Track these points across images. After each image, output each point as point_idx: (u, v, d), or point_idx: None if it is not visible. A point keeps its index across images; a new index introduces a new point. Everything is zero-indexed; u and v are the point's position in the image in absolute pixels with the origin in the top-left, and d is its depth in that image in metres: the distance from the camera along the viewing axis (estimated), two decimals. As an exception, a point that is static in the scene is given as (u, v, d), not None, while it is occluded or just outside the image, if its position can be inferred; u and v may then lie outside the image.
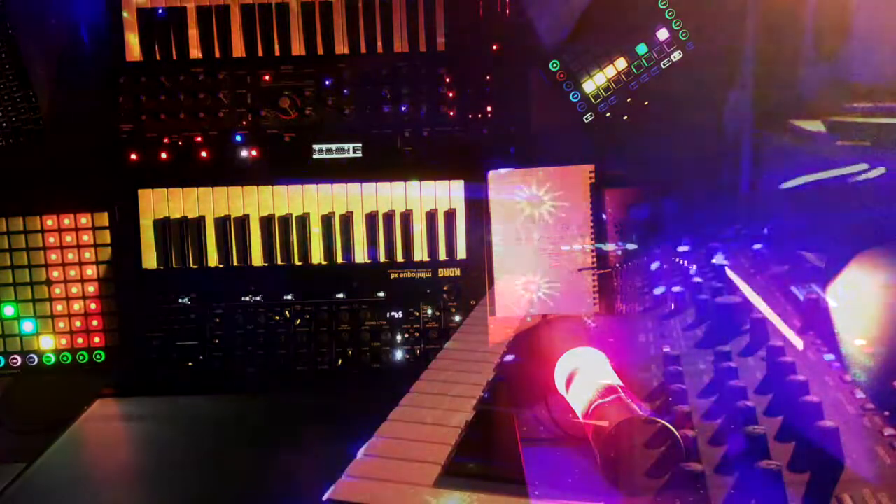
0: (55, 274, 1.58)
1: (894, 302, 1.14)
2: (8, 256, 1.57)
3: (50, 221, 1.58)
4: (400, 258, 1.56)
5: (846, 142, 1.41)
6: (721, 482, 0.89)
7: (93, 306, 1.59)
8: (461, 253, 1.57)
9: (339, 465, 1.03)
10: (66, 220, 1.58)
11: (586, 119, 1.63)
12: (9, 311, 1.58)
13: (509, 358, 1.43)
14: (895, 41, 1.47)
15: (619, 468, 1.03)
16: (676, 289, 1.40)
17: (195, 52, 1.57)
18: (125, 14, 1.57)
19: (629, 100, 1.62)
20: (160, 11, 1.56)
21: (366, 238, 1.56)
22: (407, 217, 1.56)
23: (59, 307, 1.58)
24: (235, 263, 1.56)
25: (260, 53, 1.57)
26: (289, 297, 1.55)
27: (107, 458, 1.30)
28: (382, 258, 1.56)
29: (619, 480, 1.03)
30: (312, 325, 1.55)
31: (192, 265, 1.56)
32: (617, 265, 1.57)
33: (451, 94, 1.57)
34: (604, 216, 1.57)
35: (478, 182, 1.57)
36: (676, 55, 1.60)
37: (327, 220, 1.56)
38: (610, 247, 1.57)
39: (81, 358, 1.59)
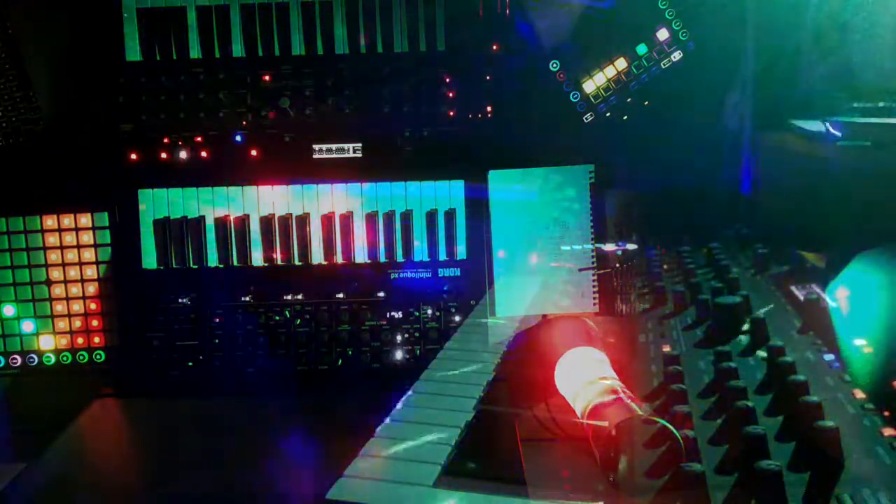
0: (55, 274, 1.58)
1: (894, 302, 1.15)
2: (8, 256, 1.57)
3: (50, 221, 1.58)
4: (400, 258, 1.56)
5: (846, 142, 1.41)
6: (721, 482, 0.89)
7: (93, 306, 1.58)
8: (461, 253, 1.57)
9: (339, 466, 1.03)
10: (66, 220, 1.58)
11: (586, 119, 1.63)
12: (9, 311, 1.58)
13: (509, 358, 1.43)
14: (895, 42, 1.47)
15: (618, 468, 1.03)
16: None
17: (195, 52, 1.57)
18: (125, 14, 1.56)
19: (629, 100, 1.62)
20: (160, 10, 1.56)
21: (366, 238, 1.56)
22: (407, 217, 1.56)
23: (59, 307, 1.58)
24: (235, 263, 1.56)
25: (260, 53, 1.57)
26: (289, 297, 1.55)
27: (106, 459, 1.29)
28: (382, 258, 1.56)
29: (619, 480, 1.03)
30: (312, 325, 1.54)
31: (192, 265, 1.56)
32: (617, 265, 1.57)
33: (451, 94, 1.57)
34: (603, 216, 1.57)
35: (478, 182, 1.57)
36: (676, 55, 1.60)
37: (327, 220, 1.56)
38: (610, 247, 1.57)
39: (81, 358, 1.59)
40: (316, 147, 1.58)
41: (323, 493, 1.00)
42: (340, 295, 1.56)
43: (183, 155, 1.57)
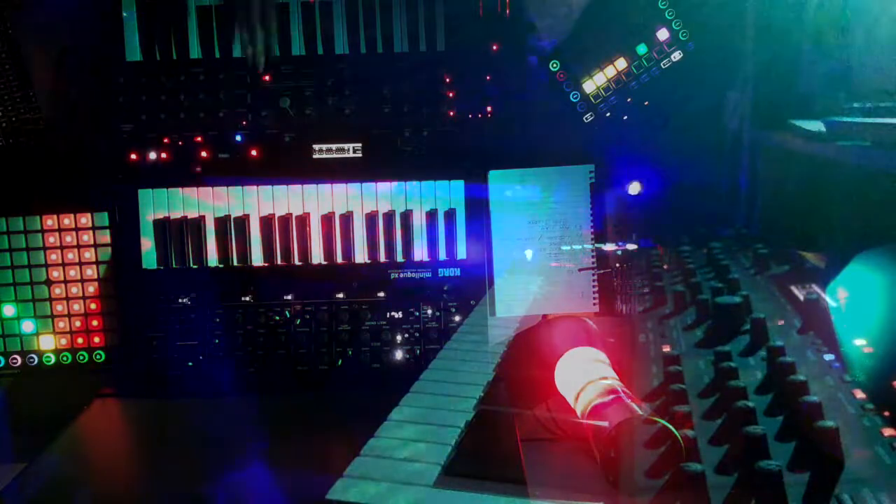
0: (55, 274, 1.58)
1: (894, 302, 1.15)
2: (8, 256, 1.57)
3: (50, 221, 1.57)
4: (400, 258, 1.56)
5: (846, 142, 1.41)
6: (721, 482, 0.89)
7: (93, 306, 1.58)
8: (461, 253, 1.57)
9: (340, 465, 1.03)
10: (66, 220, 1.58)
11: (586, 119, 1.63)
12: (9, 311, 1.58)
13: (509, 358, 1.43)
14: (895, 42, 1.47)
15: (619, 468, 1.03)
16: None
17: (195, 52, 1.57)
18: (125, 14, 1.57)
19: (629, 100, 1.62)
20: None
21: (366, 238, 1.56)
22: (407, 217, 1.56)
23: (59, 307, 1.58)
24: (235, 263, 1.56)
25: (260, 53, 1.57)
26: (289, 297, 1.55)
27: (106, 459, 1.29)
28: (382, 258, 1.56)
29: (619, 480, 1.03)
30: (312, 325, 1.54)
31: (192, 265, 1.56)
32: (617, 265, 1.57)
33: (451, 94, 1.57)
34: (604, 216, 1.57)
35: (478, 182, 1.57)
36: (676, 55, 1.60)
37: (327, 220, 1.56)
38: (610, 247, 1.57)
39: (81, 358, 1.59)
40: (316, 147, 1.58)
41: (323, 493, 1.00)
42: (340, 295, 1.56)
43: (183, 155, 1.57)
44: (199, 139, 1.57)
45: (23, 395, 1.56)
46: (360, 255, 1.56)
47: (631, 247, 1.60)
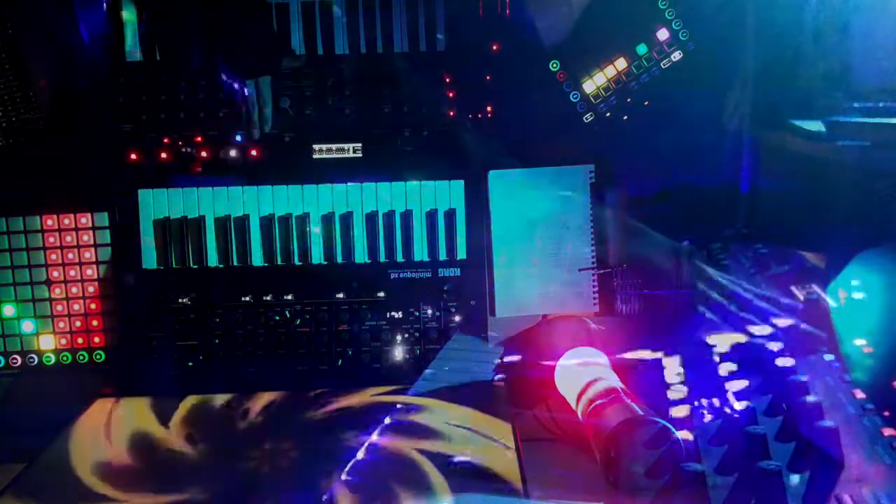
0: (55, 274, 1.58)
1: (894, 302, 1.15)
2: (8, 256, 1.57)
3: (50, 221, 1.57)
4: (400, 258, 1.56)
5: (846, 142, 1.41)
6: (721, 482, 0.89)
7: (93, 306, 1.58)
8: (461, 253, 1.57)
9: (340, 465, 1.03)
10: (66, 220, 1.58)
11: (586, 119, 1.63)
12: (9, 311, 1.58)
13: (509, 358, 1.43)
14: (895, 42, 1.47)
15: (619, 468, 1.03)
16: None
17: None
18: (125, 14, 1.56)
19: (629, 100, 1.62)
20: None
21: (366, 238, 1.56)
22: (407, 217, 1.56)
23: (59, 307, 1.58)
24: (235, 263, 1.56)
25: (260, 53, 1.57)
26: (289, 297, 1.55)
27: (107, 459, 1.29)
28: (382, 258, 1.56)
29: (619, 480, 1.03)
30: (312, 325, 1.54)
31: (192, 265, 1.56)
32: (617, 265, 1.57)
33: (451, 94, 1.57)
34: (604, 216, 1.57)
35: (478, 182, 1.57)
36: (676, 55, 1.60)
37: (327, 220, 1.56)
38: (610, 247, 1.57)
39: (81, 358, 1.59)
40: (316, 147, 1.58)
41: (322, 493, 1.01)
42: (340, 295, 1.56)
43: (183, 155, 1.57)
44: (199, 139, 1.57)
45: (23, 395, 1.56)
46: (360, 255, 1.56)
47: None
